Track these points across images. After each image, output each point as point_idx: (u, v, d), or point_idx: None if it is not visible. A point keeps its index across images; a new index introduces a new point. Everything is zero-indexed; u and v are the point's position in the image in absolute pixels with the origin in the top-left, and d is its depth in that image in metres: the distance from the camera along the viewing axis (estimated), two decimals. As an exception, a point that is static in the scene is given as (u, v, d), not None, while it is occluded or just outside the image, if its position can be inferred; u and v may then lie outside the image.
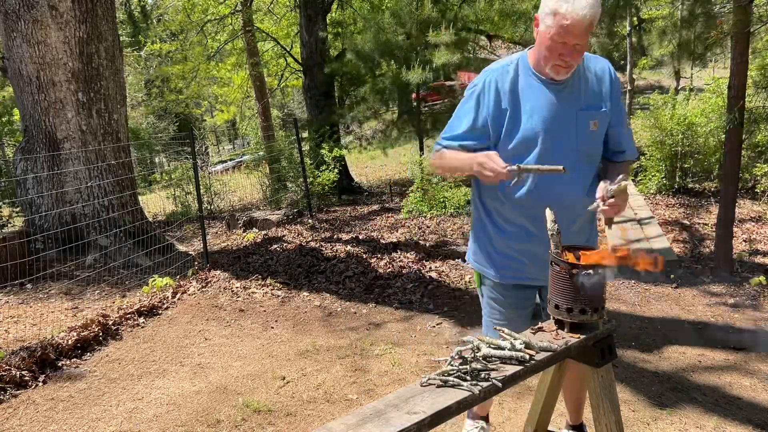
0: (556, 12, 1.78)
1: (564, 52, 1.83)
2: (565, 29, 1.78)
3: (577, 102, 1.96)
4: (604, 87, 2.02)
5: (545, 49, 1.87)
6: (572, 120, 1.96)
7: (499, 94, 1.97)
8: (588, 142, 1.99)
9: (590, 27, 1.78)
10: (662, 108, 8.65)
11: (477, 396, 1.37)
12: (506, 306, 2.17)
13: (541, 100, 1.95)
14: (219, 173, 14.75)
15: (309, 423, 3.10)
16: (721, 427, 2.87)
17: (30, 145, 6.28)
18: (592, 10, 1.77)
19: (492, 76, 2.00)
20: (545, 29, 1.84)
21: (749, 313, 4.36)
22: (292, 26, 15.60)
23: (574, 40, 1.81)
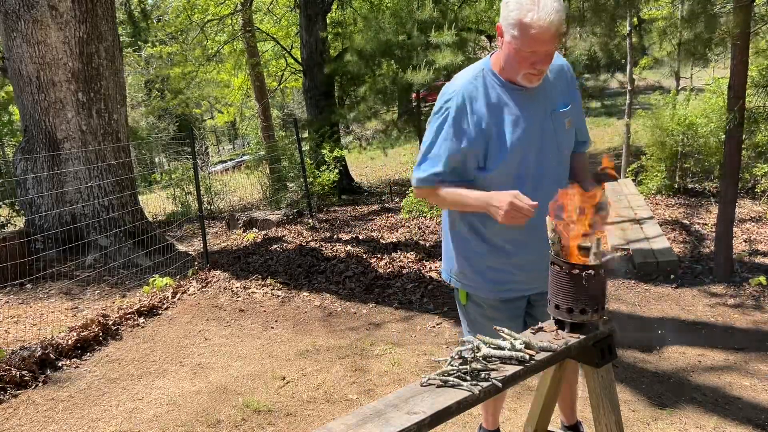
0: (521, 22, 1.70)
1: (535, 61, 1.77)
2: (533, 38, 1.70)
3: (549, 104, 1.93)
4: (565, 83, 1.99)
5: (514, 60, 1.79)
6: (549, 123, 1.93)
7: (476, 113, 1.87)
8: (566, 141, 1.99)
9: (558, 31, 1.71)
10: (663, 108, 8.65)
11: (477, 396, 1.37)
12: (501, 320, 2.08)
13: (519, 110, 1.89)
14: (219, 173, 14.75)
15: (309, 423, 3.10)
16: (721, 427, 2.87)
17: (30, 145, 6.28)
18: (559, 14, 1.70)
19: (462, 94, 1.88)
20: (511, 40, 1.76)
21: (749, 313, 4.36)
22: (292, 26, 15.60)
23: (543, 48, 1.74)
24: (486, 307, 2.12)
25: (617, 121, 16.20)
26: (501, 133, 1.88)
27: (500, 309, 2.10)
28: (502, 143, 1.89)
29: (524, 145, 1.89)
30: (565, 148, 2.00)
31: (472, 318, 2.18)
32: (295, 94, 24.96)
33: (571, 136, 2.01)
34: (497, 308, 2.10)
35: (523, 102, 1.89)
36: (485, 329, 2.11)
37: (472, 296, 2.14)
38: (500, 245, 2.01)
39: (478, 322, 2.16)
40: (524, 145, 1.89)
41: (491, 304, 2.10)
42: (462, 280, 2.14)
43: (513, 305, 2.11)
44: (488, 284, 2.07)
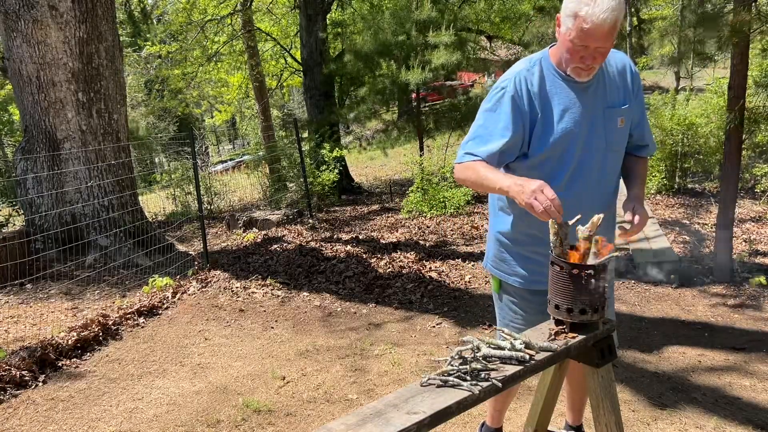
0: (577, 14, 1.71)
1: (585, 55, 1.78)
2: (586, 33, 1.71)
3: (603, 100, 1.93)
4: (626, 82, 1.97)
5: (566, 51, 1.81)
6: (600, 119, 1.92)
7: (531, 96, 1.89)
8: (616, 139, 1.97)
9: (613, 30, 1.71)
10: (662, 108, 8.65)
11: (477, 396, 1.37)
12: (530, 311, 2.11)
13: (570, 101, 1.90)
14: (219, 173, 14.75)
15: (309, 423, 3.10)
16: (721, 427, 2.87)
17: (30, 145, 6.28)
18: (614, 13, 1.69)
19: (520, 77, 1.91)
20: (566, 31, 1.77)
21: (749, 313, 4.36)
22: (292, 26, 15.59)
23: (595, 44, 1.75)
24: (516, 298, 2.14)
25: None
26: (547, 121, 1.89)
27: (529, 300, 2.11)
28: (547, 131, 1.89)
29: (569, 136, 1.90)
30: (615, 147, 1.98)
31: (503, 307, 2.19)
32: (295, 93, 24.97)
33: (624, 136, 2.00)
34: (526, 299, 2.11)
35: (577, 94, 1.89)
36: (513, 320, 2.16)
37: (504, 285, 2.16)
38: (536, 235, 2.01)
39: (508, 311, 2.18)
40: (569, 137, 1.90)
41: (521, 294, 2.12)
42: (498, 267, 2.16)
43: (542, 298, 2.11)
44: (521, 273, 2.09)
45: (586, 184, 1.94)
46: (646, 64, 14.69)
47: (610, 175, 2.00)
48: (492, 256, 2.19)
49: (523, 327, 2.09)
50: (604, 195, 2.00)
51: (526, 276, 2.08)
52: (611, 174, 2.00)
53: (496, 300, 2.26)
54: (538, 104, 1.89)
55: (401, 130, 11.22)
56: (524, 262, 2.08)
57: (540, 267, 2.04)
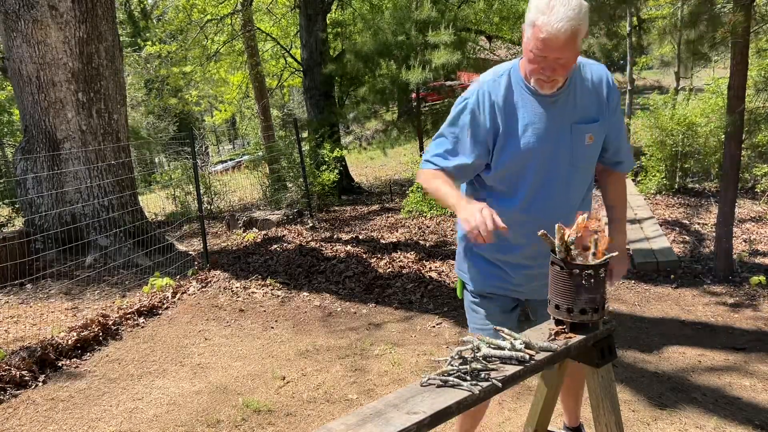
0: (534, 24, 1.66)
1: (545, 66, 1.71)
2: (543, 43, 1.65)
3: (572, 115, 1.85)
4: (600, 97, 1.89)
5: (528, 62, 1.76)
6: (567, 134, 1.85)
7: (494, 108, 1.84)
8: (583, 156, 1.91)
9: (571, 40, 1.64)
10: (662, 108, 8.65)
11: (477, 396, 1.37)
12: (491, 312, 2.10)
13: (535, 115, 1.84)
14: (219, 173, 14.75)
15: (309, 423, 3.10)
16: (721, 427, 2.87)
17: (30, 145, 6.28)
18: (571, 23, 1.62)
19: (485, 89, 1.86)
20: (526, 41, 1.72)
21: (749, 313, 4.36)
22: (292, 26, 15.59)
23: (553, 55, 1.67)
24: (477, 298, 2.13)
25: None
26: (510, 135, 1.85)
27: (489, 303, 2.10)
28: (509, 145, 1.85)
29: (531, 151, 1.85)
30: (579, 164, 1.92)
31: (468, 309, 2.18)
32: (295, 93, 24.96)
33: (592, 153, 1.94)
34: (485, 301, 2.11)
35: (543, 108, 1.83)
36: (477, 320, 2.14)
37: (466, 285, 2.17)
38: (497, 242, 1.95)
39: (473, 313, 2.16)
40: (531, 152, 1.85)
41: (480, 295, 2.11)
42: (461, 268, 2.16)
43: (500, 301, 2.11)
44: (479, 276, 2.08)
45: (550, 200, 1.90)
46: (646, 64, 14.69)
47: (576, 191, 1.95)
48: (457, 259, 2.20)
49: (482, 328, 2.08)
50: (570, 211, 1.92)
51: (484, 280, 2.08)
52: (577, 190, 1.95)
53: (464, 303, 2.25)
54: (502, 117, 1.84)
55: (401, 130, 11.23)
56: (485, 265, 2.06)
57: (499, 271, 2.04)
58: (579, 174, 1.93)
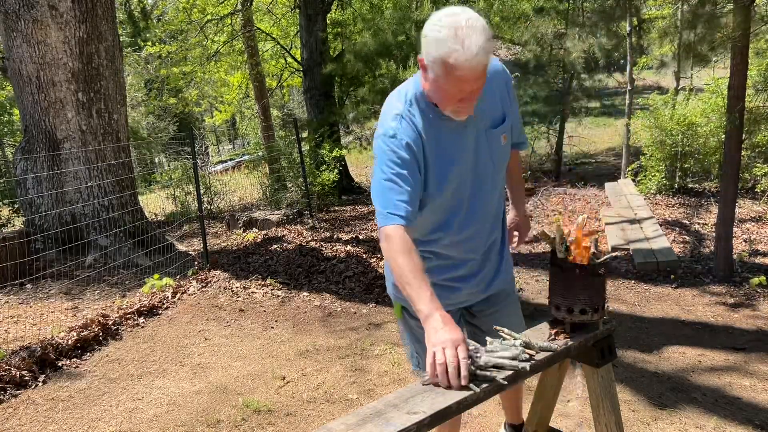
0: (445, 62, 1.52)
1: (463, 98, 1.62)
2: (460, 79, 1.54)
3: (484, 122, 1.79)
4: (502, 92, 1.85)
5: (441, 96, 1.64)
6: (484, 143, 1.80)
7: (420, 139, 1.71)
8: (501, 156, 1.87)
9: (485, 67, 1.56)
10: (662, 108, 8.65)
11: (477, 396, 1.37)
12: None
13: (452, 137, 1.75)
14: (219, 173, 14.75)
15: (309, 423, 3.10)
16: (721, 427, 2.87)
17: (30, 145, 6.28)
18: (484, 52, 1.52)
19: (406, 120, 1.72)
20: (436, 77, 1.59)
21: (749, 313, 4.36)
22: (292, 26, 15.59)
23: (470, 87, 1.58)
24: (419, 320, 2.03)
25: (617, 121, 16.19)
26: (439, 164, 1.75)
27: None
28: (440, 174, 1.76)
29: (462, 171, 1.79)
30: (501, 164, 1.89)
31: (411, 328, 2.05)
32: (295, 93, 24.96)
33: (508, 149, 1.91)
34: None
35: (456, 127, 1.74)
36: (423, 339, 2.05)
37: (408, 309, 2.00)
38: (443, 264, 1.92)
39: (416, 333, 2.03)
40: (462, 172, 1.79)
41: None
42: (399, 294, 1.95)
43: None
44: None
45: (482, 207, 1.87)
46: (646, 64, 14.67)
47: (500, 187, 1.94)
48: (392, 283, 2.03)
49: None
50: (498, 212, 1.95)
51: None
52: (500, 186, 1.94)
53: (400, 324, 2.12)
54: (426, 147, 1.73)
55: (401, 130, 11.21)
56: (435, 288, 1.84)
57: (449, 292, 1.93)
58: (501, 172, 1.92)
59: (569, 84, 12.23)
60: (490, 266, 2.00)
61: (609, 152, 14.81)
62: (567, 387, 3.12)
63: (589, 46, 10.27)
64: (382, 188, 1.70)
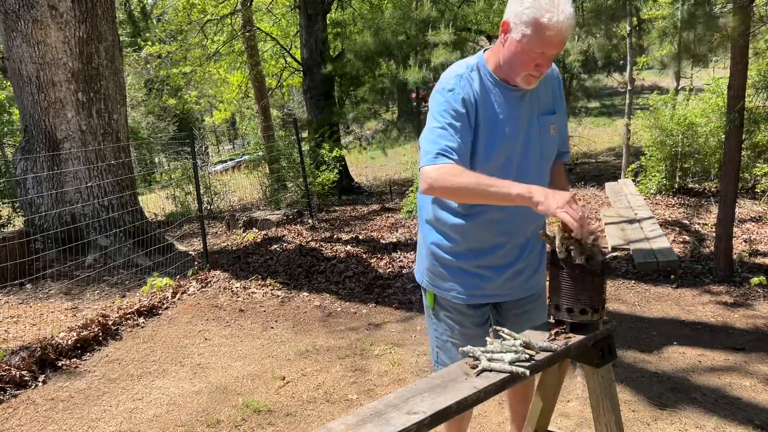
0: (537, 21, 1.60)
1: (541, 63, 1.69)
2: (548, 40, 1.62)
3: (537, 107, 1.86)
4: (553, 89, 1.92)
5: (519, 59, 1.70)
6: (536, 126, 1.85)
7: (475, 100, 1.78)
8: (549, 146, 1.91)
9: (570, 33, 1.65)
10: (662, 108, 8.65)
11: (477, 396, 1.37)
12: (468, 325, 2.03)
13: (508, 109, 1.81)
14: (219, 173, 14.75)
15: (309, 423, 3.10)
16: (721, 427, 2.87)
17: (30, 145, 6.28)
18: (573, 18, 1.64)
19: (464, 81, 1.79)
20: (522, 38, 1.65)
21: (749, 313, 4.36)
22: (292, 26, 15.59)
23: (554, 50, 1.67)
24: (453, 312, 2.04)
25: (617, 121, 16.20)
26: (488, 131, 1.80)
27: (468, 315, 2.02)
28: (489, 141, 1.80)
29: (509, 146, 1.83)
30: (548, 154, 1.93)
31: (439, 322, 2.09)
32: (295, 93, 24.96)
33: (555, 143, 1.95)
34: (464, 313, 2.03)
35: (514, 102, 1.82)
36: (451, 336, 2.06)
37: (440, 299, 2.05)
38: (475, 247, 1.93)
39: (445, 327, 2.07)
40: (509, 146, 1.83)
41: (459, 309, 2.02)
42: (433, 282, 2.05)
43: (480, 311, 2.05)
44: (457, 288, 1.99)
45: None
46: (646, 64, 14.67)
47: (545, 182, 1.93)
48: (425, 269, 2.07)
49: (459, 342, 2.01)
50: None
51: (466, 291, 1.98)
52: (545, 182, 1.94)
53: (429, 314, 2.14)
54: (480, 112, 1.78)
55: (401, 130, 11.23)
56: (463, 276, 1.96)
57: (480, 281, 1.96)
58: (547, 165, 1.95)
59: (569, 84, 12.24)
60: (527, 261, 1.99)
61: (609, 152, 14.81)
62: (567, 387, 3.12)
63: (588, 46, 10.26)
64: (433, 134, 1.75)
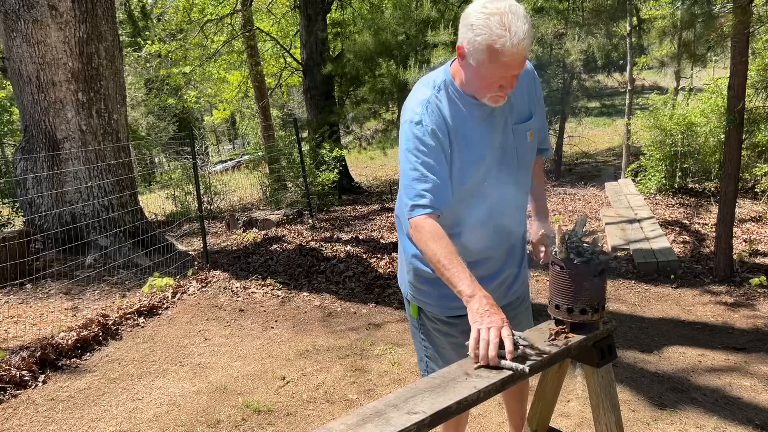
0: (491, 48, 1.54)
1: (504, 84, 1.64)
2: (506, 65, 1.57)
3: (511, 116, 1.80)
4: (529, 90, 1.85)
5: (480, 84, 1.66)
6: (510, 137, 1.80)
7: (446, 126, 1.71)
8: (527, 154, 1.87)
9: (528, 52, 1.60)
10: (662, 108, 8.65)
11: (477, 396, 1.37)
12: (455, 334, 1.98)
13: (480, 126, 1.75)
14: (219, 173, 14.76)
15: (309, 423, 3.10)
16: (721, 427, 2.87)
17: (30, 145, 6.28)
18: (528, 35, 1.56)
19: (432, 106, 1.72)
20: (477, 64, 1.61)
21: (749, 313, 4.36)
22: (292, 26, 15.60)
23: (513, 72, 1.62)
24: (438, 323, 2.02)
25: (617, 121, 16.19)
26: (463, 153, 1.74)
27: (453, 324, 1.98)
28: (465, 163, 1.75)
29: (486, 162, 1.78)
30: (526, 163, 1.89)
31: (427, 333, 2.05)
32: (295, 93, 24.96)
33: (533, 148, 1.91)
34: (450, 323, 1.99)
35: (485, 117, 1.76)
36: (439, 342, 2.04)
37: (424, 311, 2.02)
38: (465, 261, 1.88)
39: (433, 337, 2.05)
40: (486, 163, 1.78)
41: (443, 319, 1.99)
42: (418, 294, 2.00)
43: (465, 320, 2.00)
44: (440, 301, 1.94)
45: (506, 206, 1.86)
46: (645, 64, 14.68)
47: (525, 189, 1.92)
48: (408, 282, 2.02)
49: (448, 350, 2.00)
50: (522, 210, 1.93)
51: (450, 303, 1.89)
52: (525, 188, 1.93)
53: (414, 325, 2.10)
54: (452, 136, 1.72)
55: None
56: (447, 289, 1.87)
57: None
58: (526, 172, 1.91)
59: (569, 84, 12.24)
60: (510, 269, 1.98)
61: (609, 152, 14.81)
62: (567, 387, 3.12)
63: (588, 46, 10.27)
64: (407, 178, 1.72)
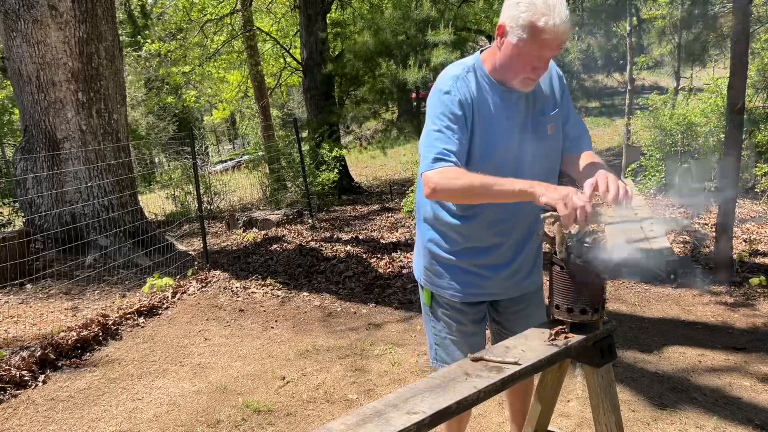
0: (534, 25, 1.60)
1: (538, 65, 1.69)
2: (544, 43, 1.62)
3: (534, 107, 1.85)
4: (552, 86, 1.90)
5: (516, 63, 1.70)
6: (530, 127, 1.84)
7: (471, 102, 1.78)
8: (548, 146, 1.89)
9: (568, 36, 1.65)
10: (662, 108, 8.65)
11: (477, 396, 1.37)
12: (466, 322, 2.05)
13: (503, 111, 1.81)
14: (219, 173, 14.75)
15: (309, 423, 3.10)
16: (721, 427, 2.87)
17: (30, 145, 6.28)
18: (569, 21, 1.63)
19: (461, 82, 1.79)
20: (518, 42, 1.65)
21: (749, 313, 4.36)
22: (292, 26, 15.60)
23: (551, 53, 1.67)
24: (450, 310, 2.05)
25: (617, 121, 16.19)
26: (485, 134, 1.80)
27: (465, 312, 2.04)
28: (486, 144, 1.80)
29: (506, 147, 1.82)
30: (546, 155, 1.90)
31: (437, 319, 2.10)
32: (295, 93, 24.95)
33: (555, 143, 1.92)
34: (462, 311, 2.05)
35: (510, 104, 1.81)
36: (449, 333, 2.08)
37: (437, 297, 2.07)
38: (472, 247, 1.94)
39: (443, 325, 2.09)
40: (506, 148, 1.82)
41: (456, 306, 2.04)
42: (430, 280, 2.06)
43: (477, 308, 2.06)
44: (454, 286, 2.00)
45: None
46: (645, 64, 14.68)
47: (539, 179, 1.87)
48: (423, 267, 2.08)
49: (458, 339, 2.04)
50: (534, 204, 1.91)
51: (463, 289, 1.99)
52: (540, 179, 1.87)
53: (426, 312, 2.15)
54: (476, 114, 1.78)
55: (401, 130, 11.23)
56: (461, 274, 1.97)
57: (478, 279, 1.97)
58: (548, 164, 1.91)
59: (569, 84, 12.23)
60: (524, 260, 1.99)
61: (609, 152, 14.81)
62: (567, 387, 3.12)
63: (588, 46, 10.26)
64: (431, 138, 1.76)
